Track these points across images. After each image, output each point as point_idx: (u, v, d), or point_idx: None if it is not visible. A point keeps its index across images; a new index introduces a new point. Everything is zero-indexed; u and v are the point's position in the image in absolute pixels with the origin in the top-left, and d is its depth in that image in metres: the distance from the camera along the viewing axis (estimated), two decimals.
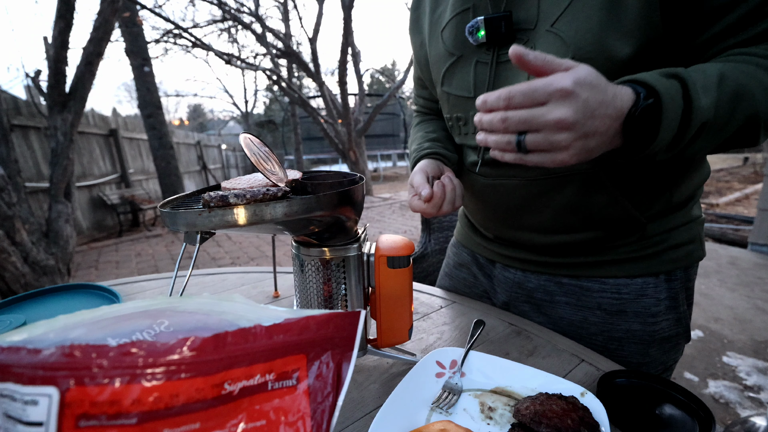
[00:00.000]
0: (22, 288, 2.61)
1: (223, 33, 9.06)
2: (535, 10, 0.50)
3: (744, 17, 0.42)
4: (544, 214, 0.59)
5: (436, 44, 0.62)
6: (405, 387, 0.46)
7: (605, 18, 0.45)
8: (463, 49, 0.58)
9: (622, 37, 0.45)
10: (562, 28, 0.47)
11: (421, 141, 0.69)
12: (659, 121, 0.38)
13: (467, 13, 0.56)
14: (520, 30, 0.51)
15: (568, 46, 0.47)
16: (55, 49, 3.02)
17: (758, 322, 2.26)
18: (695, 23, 0.44)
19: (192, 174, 10.63)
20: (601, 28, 0.45)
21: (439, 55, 0.62)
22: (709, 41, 0.45)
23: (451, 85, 0.61)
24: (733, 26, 0.43)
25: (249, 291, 0.87)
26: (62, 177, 3.19)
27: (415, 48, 0.70)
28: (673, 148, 0.41)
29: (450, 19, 0.59)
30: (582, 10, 0.46)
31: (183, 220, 0.41)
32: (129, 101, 38.03)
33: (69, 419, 0.18)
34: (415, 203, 0.55)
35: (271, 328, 0.24)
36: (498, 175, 0.60)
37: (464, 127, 0.62)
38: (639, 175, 0.54)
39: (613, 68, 0.46)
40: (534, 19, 0.50)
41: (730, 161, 14.13)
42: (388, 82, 21.74)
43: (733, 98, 0.40)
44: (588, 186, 0.54)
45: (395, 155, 19.06)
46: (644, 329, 0.59)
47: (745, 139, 0.43)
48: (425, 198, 0.52)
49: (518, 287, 0.68)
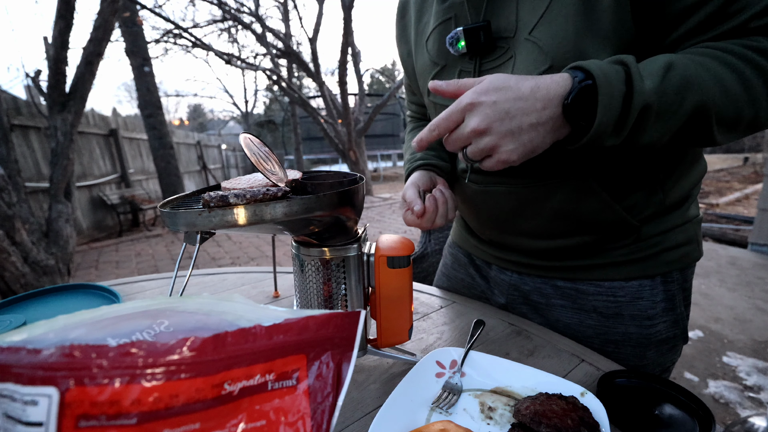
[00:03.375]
0: (22, 288, 2.61)
1: (223, 33, 9.06)
2: (513, 18, 0.50)
3: (708, 18, 0.42)
4: (536, 219, 0.59)
5: (422, 54, 0.62)
6: (405, 387, 0.46)
7: (581, 24, 0.45)
8: (446, 58, 0.58)
9: (598, 43, 0.45)
10: (539, 36, 0.47)
11: (414, 151, 0.70)
12: (596, 103, 0.39)
13: (449, 23, 0.56)
14: (500, 38, 0.51)
15: (546, 53, 0.47)
16: (55, 49, 3.02)
17: (758, 322, 2.26)
18: (662, 26, 0.44)
19: (192, 174, 10.63)
20: (578, 34, 0.45)
21: (424, 64, 0.62)
22: (675, 42, 0.45)
23: (437, 95, 0.61)
24: (698, 28, 0.43)
25: (249, 291, 0.87)
26: (62, 177, 3.19)
27: (403, 57, 0.71)
28: (619, 131, 0.40)
29: (433, 30, 0.59)
30: (558, 17, 0.46)
31: (183, 220, 0.41)
32: (129, 101, 38.04)
33: (69, 419, 0.18)
34: (409, 218, 0.56)
35: (271, 328, 0.24)
36: (487, 182, 0.60)
37: None
38: (629, 178, 0.53)
39: None
40: (513, 28, 0.50)
41: (730, 161, 14.13)
42: (388, 82, 21.73)
43: (681, 85, 0.39)
44: (579, 192, 0.54)
45: (395, 155, 19.06)
46: (641, 332, 0.59)
47: (700, 133, 0.42)
48: (417, 213, 0.54)
49: (515, 289, 0.69)
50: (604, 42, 0.45)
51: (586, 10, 0.44)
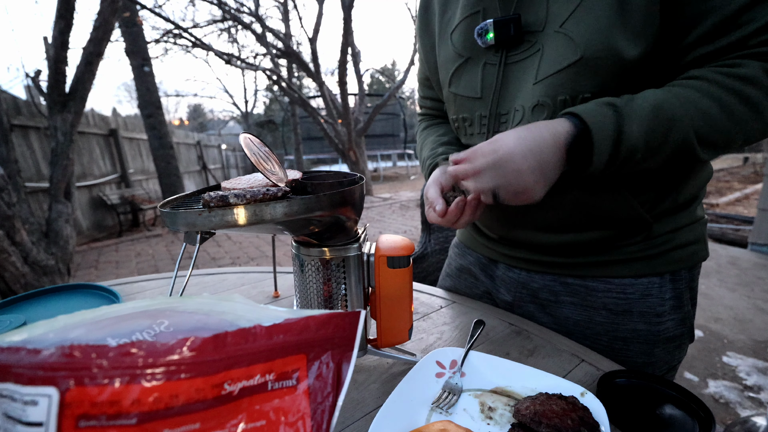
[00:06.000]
0: (22, 288, 2.61)
1: (223, 33, 9.07)
2: (544, 12, 0.50)
3: (717, 25, 0.44)
4: (551, 213, 0.59)
5: (445, 46, 0.63)
6: (405, 387, 0.46)
7: (614, 18, 0.46)
8: (471, 51, 0.58)
9: (630, 38, 0.46)
10: (571, 28, 0.48)
11: (434, 146, 0.70)
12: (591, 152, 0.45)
13: (477, 16, 0.57)
14: (528, 32, 0.52)
15: (577, 45, 0.48)
16: (55, 49, 3.02)
17: (758, 322, 2.26)
18: (681, 27, 0.46)
19: (192, 174, 10.63)
20: (610, 28, 0.46)
21: (447, 56, 0.62)
22: (688, 47, 0.47)
23: (458, 86, 0.62)
24: (708, 34, 0.45)
25: (249, 291, 0.87)
26: (62, 177, 3.19)
27: (425, 50, 0.70)
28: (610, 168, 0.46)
29: (459, 22, 0.59)
30: (591, 11, 0.47)
31: (183, 220, 0.41)
32: (129, 101, 38.07)
33: (69, 419, 0.18)
34: (431, 216, 0.56)
35: (271, 329, 0.24)
36: None
37: (469, 128, 0.63)
38: (648, 175, 0.54)
39: (622, 70, 0.47)
40: (543, 21, 0.51)
41: (730, 161, 14.13)
42: (388, 82, 21.74)
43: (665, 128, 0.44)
44: (596, 185, 0.54)
45: (395, 155, 19.06)
46: (649, 329, 0.59)
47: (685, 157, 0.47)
48: (439, 213, 0.54)
49: (523, 287, 0.68)
50: (636, 38, 0.46)
51: (619, 5, 0.45)
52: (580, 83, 0.49)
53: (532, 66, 0.52)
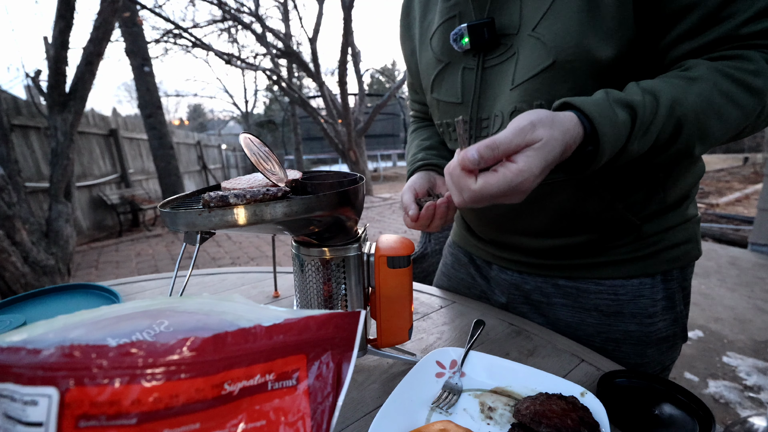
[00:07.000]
0: (22, 288, 2.61)
1: (223, 33, 9.06)
2: (517, 15, 0.50)
3: (700, 21, 0.42)
4: (537, 219, 0.59)
5: (426, 52, 0.62)
6: (405, 387, 0.46)
7: (585, 20, 0.45)
8: (450, 56, 0.58)
9: (602, 39, 0.45)
10: (542, 32, 0.48)
11: (416, 151, 0.70)
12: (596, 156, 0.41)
13: (453, 21, 0.57)
14: (504, 35, 0.52)
15: (549, 49, 0.47)
16: (55, 49, 3.01)
17: (758, 322, 2.26)
18: (659, 27, 0.45)
19: (192, 174, 10.63)
20: (581, 30, 0.45)
21: (428, 62, 0.62)
22: (669, 45, 0.45)
23: (440, 92, 0.61)
24: (690, 31, 0.43)
25: (249, 291, 0.87)
26: (62, 177, 3.18)
27: (407, 56, 0.71)
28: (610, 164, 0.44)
29: (438, 27, 0.59)
30: (561, 13, 0.46)
31: (183, 220, 0.41)
32: (129, 101, 38.07)
33: (69, 419, 0.18)
34: (406, 220, 0.57)
35: (271, 329, 0.24)
36: None
37: (453, 133, 0.63)
38: (631, 178, 0.54)
39: (598, 71, 0.46)
40: (517, 25, 0.50)
41: (730, 161, 14.13)
42: (388, 82, 21.74)
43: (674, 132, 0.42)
44: (581, 191, 0.54)
45: (395, 155, 19.07)
46: (641, 330, 0.59)
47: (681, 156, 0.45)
48: (411, 218, 0.54)
49: (516, 288, 0.69)
50: (608, 38, 0.45)
51: (589, 7, 0.45)
52: (556, 87, 0.48)
53: (509, 71, 0.52)
